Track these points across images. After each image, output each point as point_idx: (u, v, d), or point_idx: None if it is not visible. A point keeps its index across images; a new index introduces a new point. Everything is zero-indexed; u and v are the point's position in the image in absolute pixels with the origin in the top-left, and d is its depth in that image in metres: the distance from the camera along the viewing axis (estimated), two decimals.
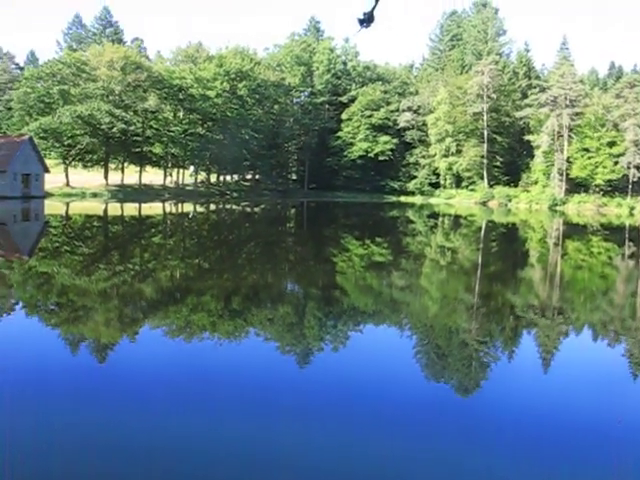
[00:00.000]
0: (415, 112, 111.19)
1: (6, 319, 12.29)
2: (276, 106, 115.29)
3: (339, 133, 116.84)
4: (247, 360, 9.56)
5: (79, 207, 60.43)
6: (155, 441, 6.32)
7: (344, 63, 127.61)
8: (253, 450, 6.21)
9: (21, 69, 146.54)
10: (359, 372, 9.11)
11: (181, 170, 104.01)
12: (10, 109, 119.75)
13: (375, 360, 9.92)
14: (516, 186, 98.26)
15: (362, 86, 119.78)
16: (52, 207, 58.67)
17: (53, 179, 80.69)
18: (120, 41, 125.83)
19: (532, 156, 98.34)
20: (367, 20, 6.06)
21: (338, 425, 6.90)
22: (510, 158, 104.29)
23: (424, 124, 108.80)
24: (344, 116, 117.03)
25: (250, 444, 6.34)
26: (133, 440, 6.36)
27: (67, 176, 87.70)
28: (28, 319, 12.46)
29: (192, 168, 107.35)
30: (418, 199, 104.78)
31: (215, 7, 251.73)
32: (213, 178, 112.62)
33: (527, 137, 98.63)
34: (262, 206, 72.16)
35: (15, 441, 6.24)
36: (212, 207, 65.93)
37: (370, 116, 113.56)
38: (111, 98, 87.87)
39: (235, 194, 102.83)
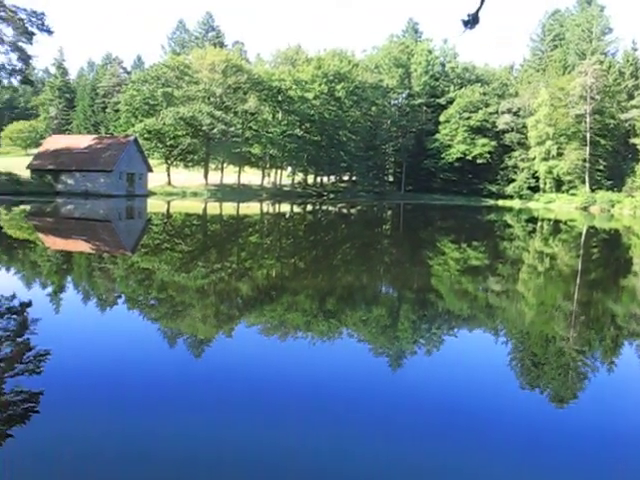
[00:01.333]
0: (515, 114, 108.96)
1: (108, 313, 12.78)
2: (374, 108, 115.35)
3: (437, 135, 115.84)
4: (339, 362, 9.61)
5: (180, 205, 62.03)
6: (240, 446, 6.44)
7: (442, 64, 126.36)
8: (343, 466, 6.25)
9: (128, 73, 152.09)
10: (450, 379, 9.02)
11: (279, 171, 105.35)
12: (117, 111, 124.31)
13: (467, 366, 9.80)
14: (620, 191, 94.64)
15: (460, 88, 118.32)
16: (154, 205, 60.44)
17: (156, 178, 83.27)
18: (221, 45, 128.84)
19: (637, 160, 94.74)
20: (472, 21, 6.02)
21: (429, 439, 6.87)
22: (614, 162, 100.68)
23: (524, 126, 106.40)
24: (442, 118, 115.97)
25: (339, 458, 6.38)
26: (214, 439, 6.49)
27: (169, 175, 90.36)
28: (129, 313, 12.92)
29: (290, 169, 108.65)
30: (516, 203, 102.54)
31: (314, 10, 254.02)
32: (310, 179, 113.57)
33: (633, 140, 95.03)
34: (358, 207, 72.25)
35: (91, 432, 6.49)
36: (309, 208, 66.47)
37: (468, 118, 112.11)
38: (212, 100, 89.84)
39: (332, 195, 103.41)
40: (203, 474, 5.62)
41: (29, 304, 12.98)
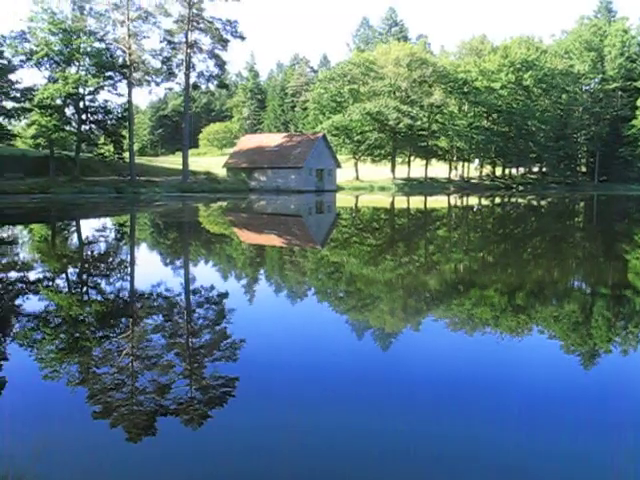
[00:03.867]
0: None
1: (299, 305, 13.18)
2: (564, 95, 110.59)
3: (634, 121, 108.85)
4: (528, 359, 9.32)
5: (367, 200, 62.82)
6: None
7: None
8: None
9: (315, 72, 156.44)
10: None
11: (466, 163, 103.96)
12: (306, 109, 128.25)
13: None
14: None
15: None
16: (343, 200, 61.61)
17: (344, 173, 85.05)
18: (405, 39, 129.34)
19: None
20: None
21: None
22: None
23: None
24: None
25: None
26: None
27: (357, 170, 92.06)
28: (318, 305, 13.25)
29: (477, 161, 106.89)
30: None
31: None
32: (498, 171, 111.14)
33: None
34: (548, 199, 69.61)
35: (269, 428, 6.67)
36: (497, 200, 64.93)
37: None
38: (398, 94, 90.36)
39: (520, 187, 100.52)
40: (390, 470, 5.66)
41: (226, 295, 13.68)
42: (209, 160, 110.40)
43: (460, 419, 6.64)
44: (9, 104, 66.41)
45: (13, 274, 16.06)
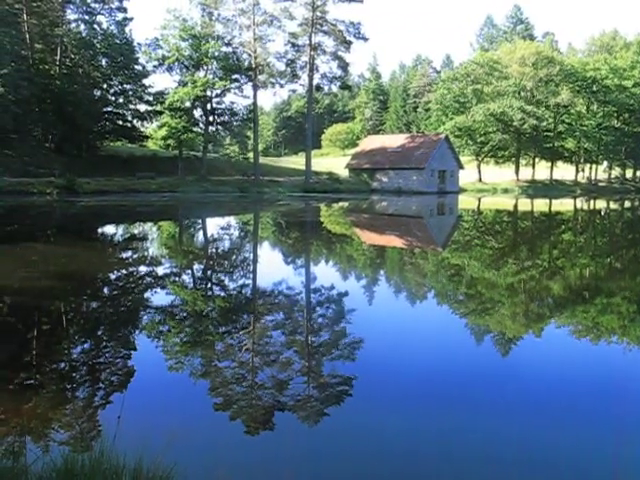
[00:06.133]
0: None
1: (418, 306, 13.12)
2: None
3: None
4: None
5: (490, 202, 61.74)
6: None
7: None
8: None
9: (438, 72, 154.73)
10: None
11: (593, 165, 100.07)
12: (428, 110, 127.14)
13: None
14: None
15: None
16: (464, 202, 60.80)
17: (466, 175, 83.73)
18: (531, 37, 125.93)
19: None
20: None
21: None
22: None
23: None
24: None
25: None
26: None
27: (479, 172, 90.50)
28: (438, 307, 13.15)
29: (605, 163, 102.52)
30: None
31: None
32: (628, 173, 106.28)
33: None
34: None
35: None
36: (627, 204, 62.22)
37: None
38: (522, 94, 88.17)
39: None
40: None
41: (346, 294, 13.79)
42: (331, 161, 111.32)
43: (583, 430, 6.44)
44: (142, 107, 69.98)
45: (143, 268, 16.79)
